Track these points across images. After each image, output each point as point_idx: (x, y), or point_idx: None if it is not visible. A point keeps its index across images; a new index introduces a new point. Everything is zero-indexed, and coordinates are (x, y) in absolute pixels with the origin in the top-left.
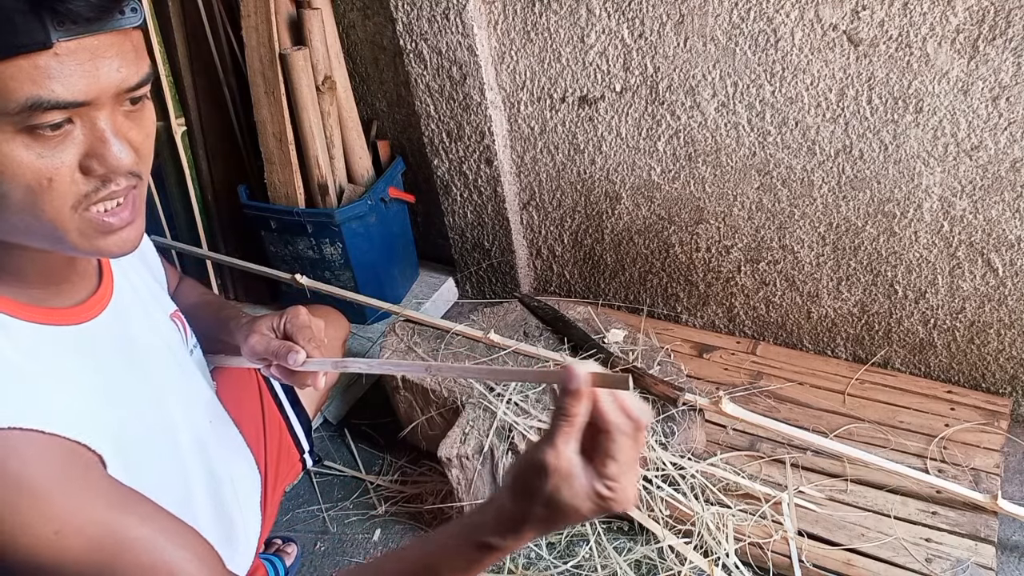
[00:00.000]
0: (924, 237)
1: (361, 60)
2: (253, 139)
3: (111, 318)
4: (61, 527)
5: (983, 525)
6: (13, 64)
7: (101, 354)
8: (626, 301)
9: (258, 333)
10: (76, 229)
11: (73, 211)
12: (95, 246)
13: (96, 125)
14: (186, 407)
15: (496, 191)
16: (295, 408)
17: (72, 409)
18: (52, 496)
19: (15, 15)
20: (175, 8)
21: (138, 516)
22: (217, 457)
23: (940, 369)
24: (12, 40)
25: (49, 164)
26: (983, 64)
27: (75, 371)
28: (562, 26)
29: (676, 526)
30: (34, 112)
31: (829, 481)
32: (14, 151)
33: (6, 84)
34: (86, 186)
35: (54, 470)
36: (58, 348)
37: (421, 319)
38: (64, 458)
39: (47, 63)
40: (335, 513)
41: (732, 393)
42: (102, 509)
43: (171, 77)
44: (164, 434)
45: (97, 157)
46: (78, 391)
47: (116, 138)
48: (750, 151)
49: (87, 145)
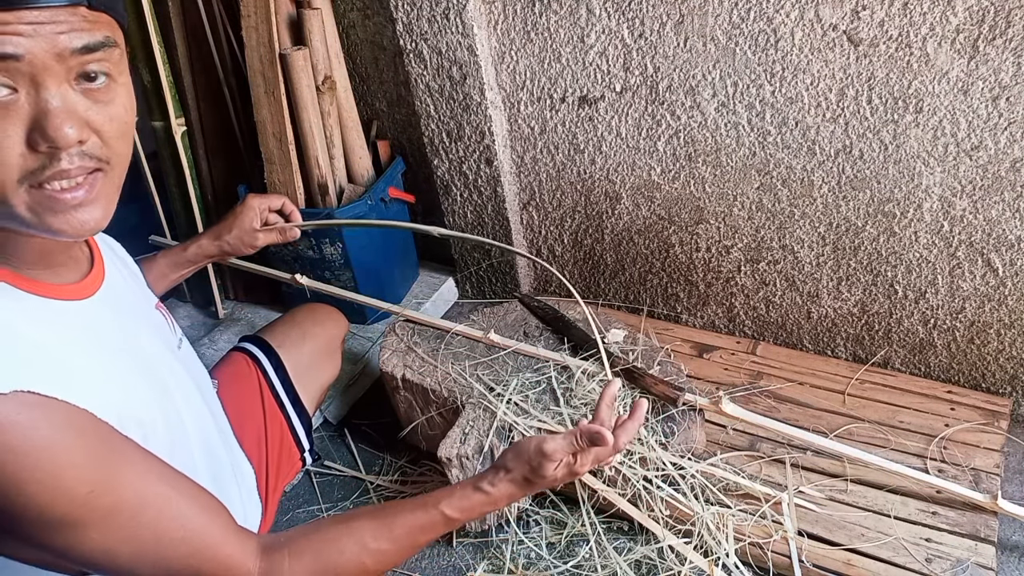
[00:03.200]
0: (924, 237)
1: (361, 60)
2: (253, 139)
3: (105, 300)
4: (95, 487)
5: (983, 525)
6: None
7: (101, 329)
8: (626, 301)
9: (261, 233)
10: (24, 203)
11: (19, 185)
12: (45, 223)
13: (39, 96)
14: (183, 390)
15: (496, 191)
16: (296, 407)
17: (81, 377)
18: (83, 457)
19: None
20: (175, 8)
21: (156, 474)
22: (213, 434)
23: (940, 369)
24: None
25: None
26: (983, 64)
27: (81, 344)
28: (562, 26)
29: (676, 526)
30: None
31: (829, 481)
32: None
33: None
34: (34, 162)
35: (79, 431)
36: (63, 320)
37: (421, 319)
38: (85, 421)
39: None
40: (335, 513)
41: (732, 393)
42: (127, 467)
43: (171, 77)
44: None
45: (39, 130)
46: (86, 364)
47: (61, 112)
48: (750, 151)
49: (31, 117)
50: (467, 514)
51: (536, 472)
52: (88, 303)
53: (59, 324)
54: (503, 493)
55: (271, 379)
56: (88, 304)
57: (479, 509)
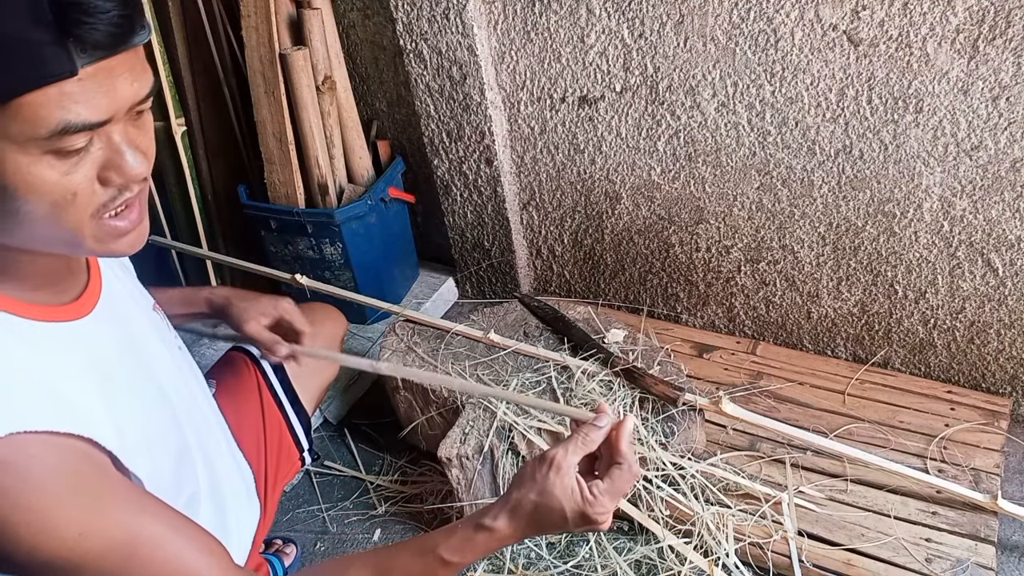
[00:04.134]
0: (924, 237)
1: (361, 60)
2: (253, 139)
3: (105, 311)
4: (84, 529)
5: (983, 525)
6: (41, 93)
7: (99, 348)
8: (626, 301)
9: (253, 321)
10: (92, 235)
11: (92, 219)
12: (108, 248)
13: (112, 139)
14: (182, 393)
15: (496, 191)
16: (295, 407)
17: (79, 405)
18: (74, 499)
19: (43, 48)
20: (175, 8)
21: (151, 514)
22: (212, 444)
23: (940, 369)
24: (41, 71)
25: (73, 180)
26: (983, 64)
27: (77, 367)
28: (562, 26)
29: (676, 526)
30: (63, 136)
31: (829, 481)
32: (42, 172)
33: (36, 112)
34: (104, 196)
35: (73, 472)
36: (59, 345)
37: (421, 319)
38: (80, 459)
39: (72, 88)
40: (335, 513)
41: (732, 393)
42: (119, 509)
43: (171, 77)
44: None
45: (115, 169)
46: (82, 387)
47: (130, 149)
48: (750, 151)
49: (105, 158)
50: (470, 556)
51: (545, 493)
52: (87, 321)
53: (57, 350)
54: (509, 528)
55: (269, 379)
56: (87, 323)
57: (483, 549)
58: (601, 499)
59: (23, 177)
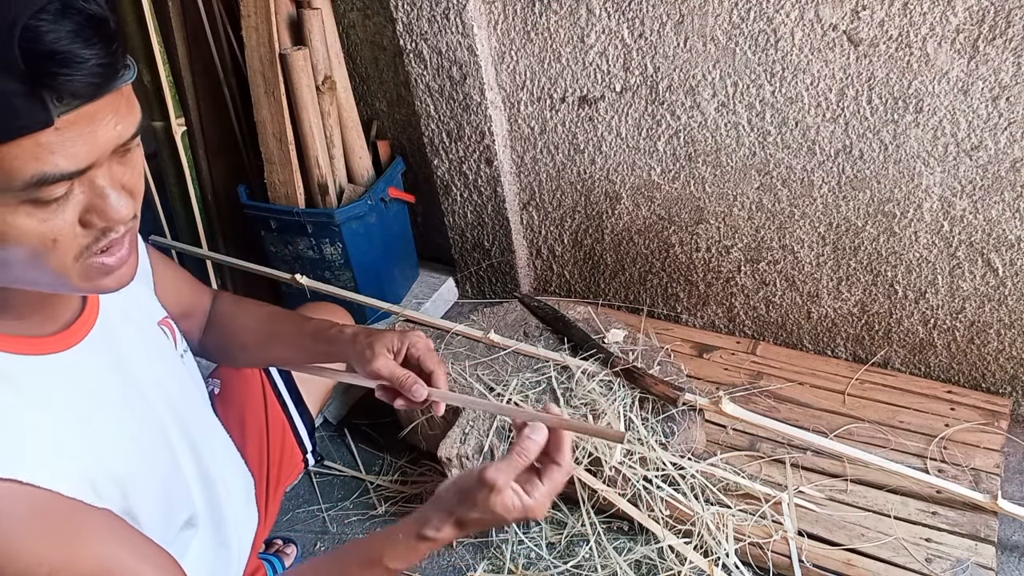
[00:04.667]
0: (924, 237)
1: (361, 60)
2: (253, 139)
3: (99, 337)
4: (54, 566)
5: (983, 525)
6: (16, 145)
7: (85, 379)
8: (626, 301)
9: (382, 356)
10: (78, 274)
11: (75, 261)
12: (95, 285)
13: (95, 183)
14: (176, 415)
15: (496, 191)
16: (298, 408)
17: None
18: (44, 539)
19: (14, 98)
20: (175, 8)
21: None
22: (210, 460)
23: (940, 369)
24: (14, 123)
25: (52, 227)
26: (983, 64)
27: (64, 400)
28: (562, 26)
29: (676, 526)
30: (40, 187)
31: (829, 481)
32: (18, 220)
33: (11, 164)
34: (86, 238)
35: (43, 514)
36: (46, 378)
37: (421, 319)
38: (49, 502)
39: (48, 139)
40: (335, 513)
41: (732, 393)
42: (90, 544)
43: (171, 77)
44: (159, 443)
45: (97, 212)
46: (66, 424)
47: (113, 190)
48: (750, 151)
49: (87, 202)
50: (412, 562)
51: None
52: (76, 351)
53: (38, 386)
54: (451, 537)
55: (274, 379)
56: (75, 353)
57: (424, 554)
58: (541, 501)
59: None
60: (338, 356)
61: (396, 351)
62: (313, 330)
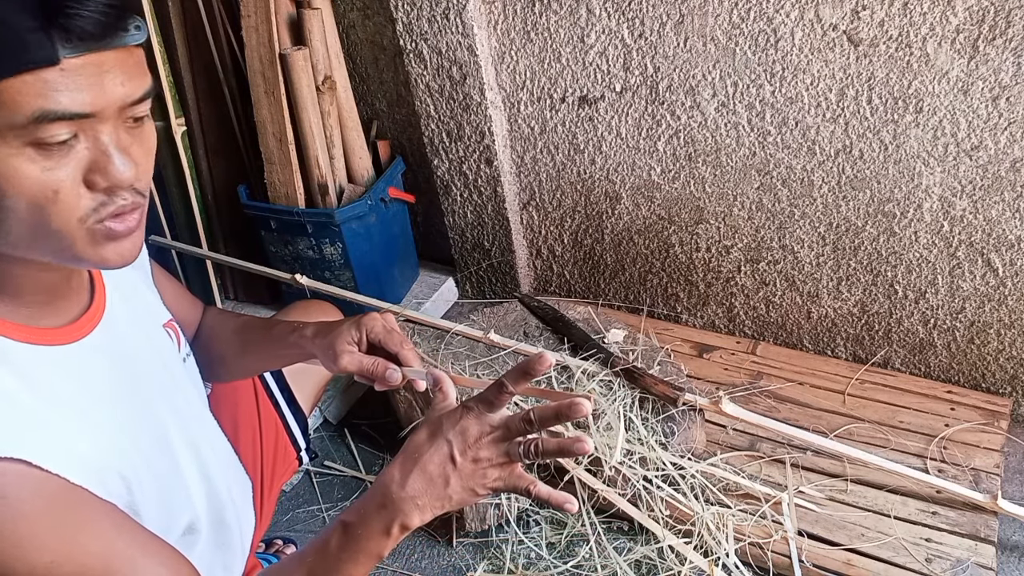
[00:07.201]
0: (924, 237)
1: (361, 60)
2: (253, 139)
3: (103, 334)
4: (55, 557)
5: (983, 525)
6: (20, 79)
7: (89, 375)
8: (626, 301)
9: (345, 354)
10: (83, 239)
11: (80, 223)
12: (100, 255)
13: (99, 139)
14: (179, 417)
15: (496, 191)
16: (291, 406)
17: (63, 440)
18: (48, 527)
19: (24, 33)
20: (175, 8)
21: (125, 540)
22: (212, 463)
23: (940, 369)
24: (21, 56)
25: (53, 177)
26: (983, 64)
27: (69, 393)
28: (562, 26)
29: (676, 526)
30: (41, 124)
31: (829, 481)
32: (20, 165)
33: (14, 98)
34: (92, 201)
35: (49, 501)
36: (52, 369)
37: (421, 319)
38: (56, 489)
39: (54, 78)
40: (335, 513)
41: (732, 393)
42: (94, 536)
43: (171, 77)
44: (159, 445)
45: (100, 171)
46: (71, 416)
47: (119, 152)
48: (750, 151)
49: (90, 159)
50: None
51: (434, 438)
52: (80, 346)
53: (45, 375)
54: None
55: (265, 377)
56: (79, 347)
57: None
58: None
59: (2, 168)
60: (306, 356)
61: (358, 341)
62: (278, 335)
